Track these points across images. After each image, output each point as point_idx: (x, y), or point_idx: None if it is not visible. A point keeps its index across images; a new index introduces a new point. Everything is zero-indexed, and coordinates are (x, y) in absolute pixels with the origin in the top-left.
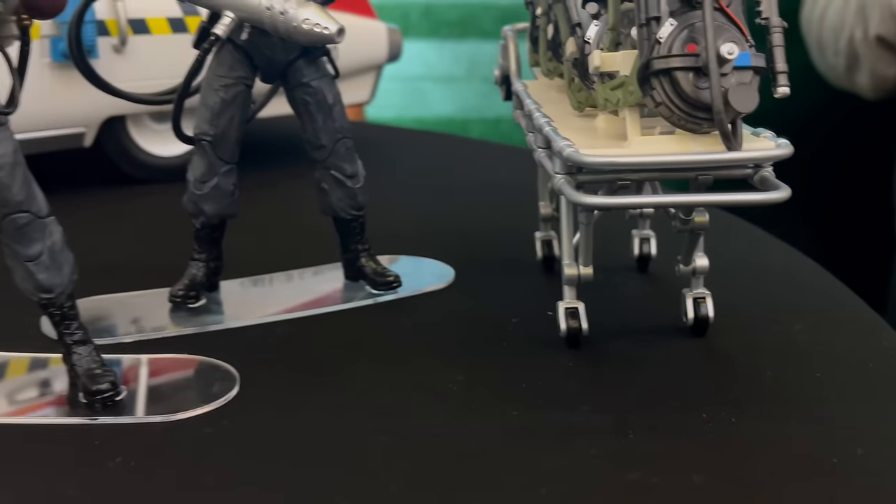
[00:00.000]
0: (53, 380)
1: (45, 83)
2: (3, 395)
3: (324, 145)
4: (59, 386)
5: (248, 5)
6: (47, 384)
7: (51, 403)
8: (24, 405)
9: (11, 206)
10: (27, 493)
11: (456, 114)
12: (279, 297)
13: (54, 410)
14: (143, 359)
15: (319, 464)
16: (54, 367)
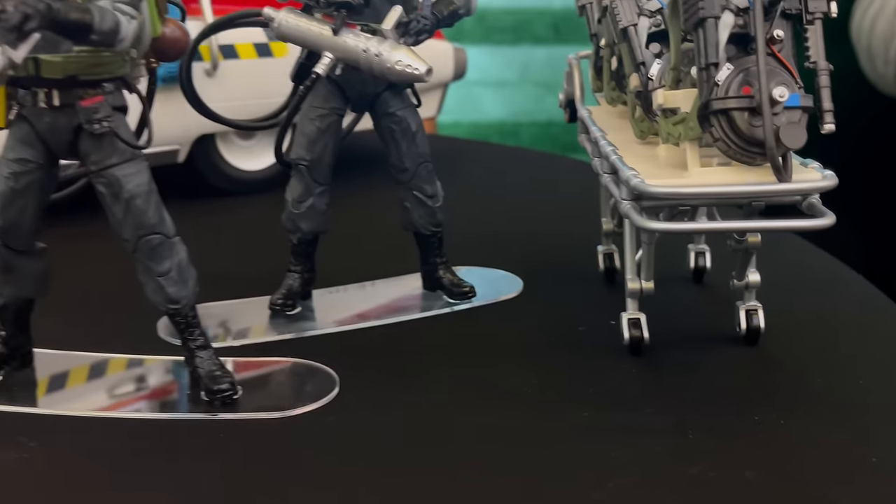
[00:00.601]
0: (148, 376)
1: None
2: (147, 397)
3: (407, 168)
4: (154, 381)
5: (347, 48)
6: (143, 380)
7: (145, 398)
8: (122, 398)
9: (146, 228)
10: (177, 480)
11: (508, 117)
12: (365, 304)
13: (146, 404)
14: (252, 361)
15: (416, 458)
16: (149, 364)
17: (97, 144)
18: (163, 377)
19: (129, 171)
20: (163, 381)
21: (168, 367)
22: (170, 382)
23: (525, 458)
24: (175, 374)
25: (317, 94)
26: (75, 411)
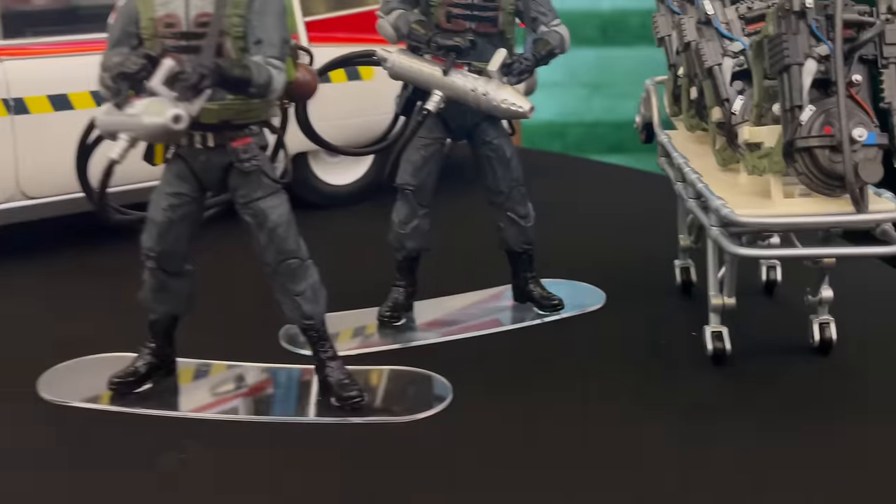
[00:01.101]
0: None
1: None
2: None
3: (503, 191)
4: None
5: (456, 87)
6: (274, 385)
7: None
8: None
9: (286, 254)
10: (316, 480)
11: (556, 118)
12: (462, 316)
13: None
14: (372, 369)
15: (535, 459)
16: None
17: (245, 180)
18: (297, 383)
19: (273, 203)
20: (295, 386)
21: (297, 374)
22: (304, 388)
23: (624, 462)
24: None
25: (417, 123)
26: (220, 416)
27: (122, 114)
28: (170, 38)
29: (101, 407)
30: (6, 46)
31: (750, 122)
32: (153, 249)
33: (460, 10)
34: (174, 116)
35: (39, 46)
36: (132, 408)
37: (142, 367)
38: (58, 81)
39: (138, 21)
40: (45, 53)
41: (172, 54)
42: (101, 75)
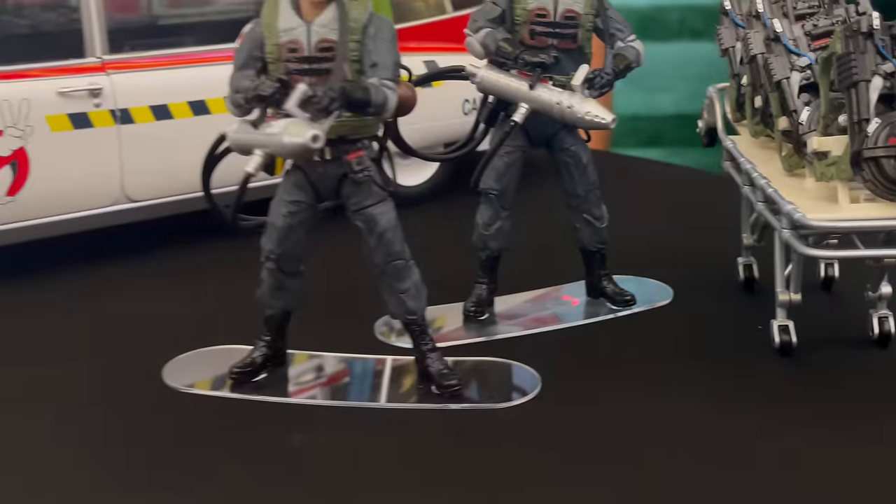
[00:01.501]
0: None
1: None
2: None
3: (579, 195)
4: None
5: (542, 101)
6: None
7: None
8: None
9: (393, 255)
10: (427, 464)
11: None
12: (539, 310)
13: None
14: (465, 360)
15: (621, 442)
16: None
17: (358, 189)
18: (416, 375)
19: (382, 209)
20: (398, 376)
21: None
22: (404, 377)
23: (709, 448)
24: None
25: (504, 133)
26: (330, 402)
27: (258, 132)
28: (293, 62)
29: (222, 394)
30: (111, 61)
31: (817, 133)
32: (274, 252)
33: (543, 27)
34: (313, 136)
35: (141, 60)
36: (250, 395)
37: (258, 359)
38: (159, 93)
39: (263, 46)
40: (146, 67)
41: (296, 77)
42: (233, 96)
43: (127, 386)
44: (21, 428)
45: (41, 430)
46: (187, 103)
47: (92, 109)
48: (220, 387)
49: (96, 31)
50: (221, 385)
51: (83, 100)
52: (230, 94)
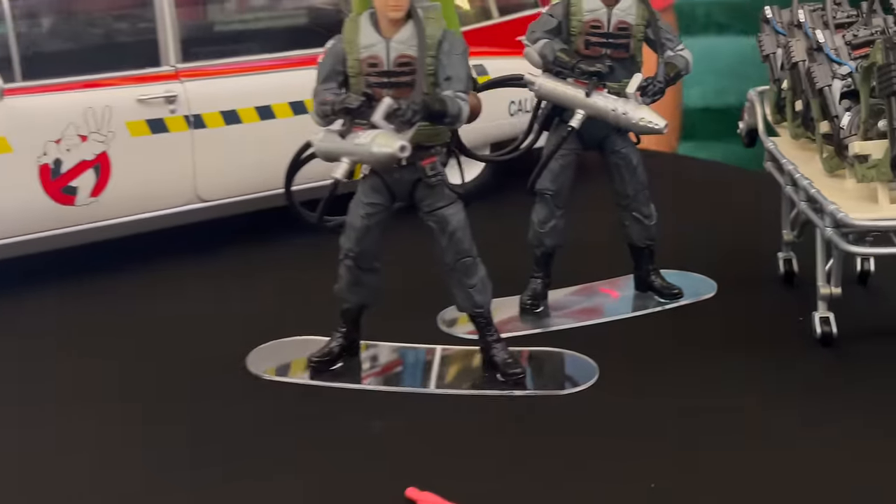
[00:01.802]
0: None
1: None
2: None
3: (629, 195)
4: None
5: (598, 107)
6: (444, 363)
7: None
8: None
9: (462, 253)
10: (496, 451)
11: None
12: (591, 303)
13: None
14: (525, 350)
15: (679, 428)
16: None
17: (431, 192)
18: (461, 363)
19: (453, 211)
20: (462, 366)
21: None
22: (464, 368)
23: (750, 439)
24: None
25: (559, 135)
26: (384, 388)
27: (346, 142)
28: (373, 76)
29: (301, 381)
30: (184, 69)
31: (858, 137)
32: (352, 250)
33: (597, 38)
34: (401, 147)
35: (212, 68)
36: (328, 382)
37: (335, 349)
38: (228, 99)
39: (345, 61)
40: (217, 74)
41: (376, 89)
42: (318, 107)
43: (208, 378)
44: (116, 417)
45: (131, 419)
46: (254, 108)
47: (167, 115)
48: (300, 375)
49: (170, 41)
50: (301, 373)
51: (160, 106)
52: (315, 106)
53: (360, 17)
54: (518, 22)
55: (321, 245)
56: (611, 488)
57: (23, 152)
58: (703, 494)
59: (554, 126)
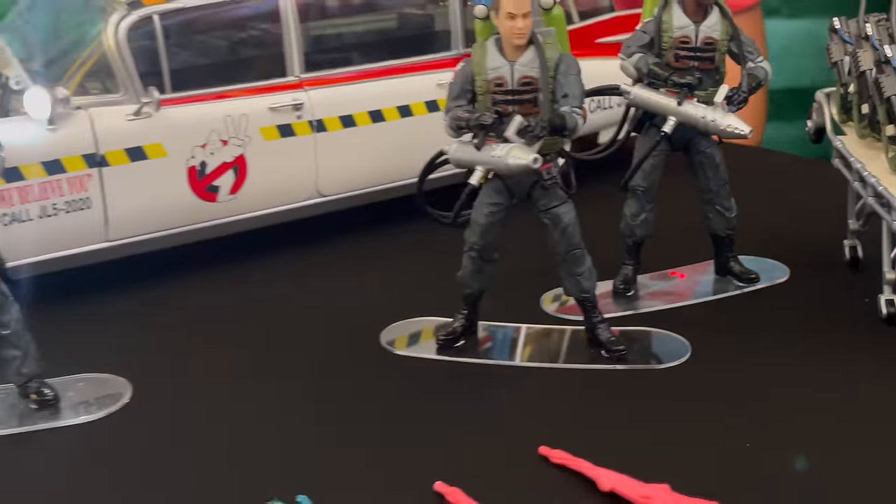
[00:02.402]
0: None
1: None
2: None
3: (712, 189)
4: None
5: (689, 115)
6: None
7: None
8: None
9: (573, 245)
10: (611, 420)
11: None
12: (676, 286)
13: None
14: (625, 329)
15: (765, 404)
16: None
17: (546, 193)
18: (542, 340)
19: (565, 209)
20: (543, 343)
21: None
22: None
23: (830, 416)
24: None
25: (650, 137)
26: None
27: (482, 153)
28: (499, 94)
29: (430, 356)
30: (307, 79)
31: None
32: (477, 244)
33: (686, 52)
34: (534, 159)
35: (331, 77)
36: (454, 357)
37: (458, 328)
38: (345, 104)
39: (474, 81)
40: (335, 82)
41: (502, 105)
42: (452, 122)
43: (347, 357)
44: (271, 394)
45: (287, 396)
46: (367, 112)
47: (294, 121)
48: (429, 351)
49: (295, 54)
50: (430, 350)
51: (288, 113)
52: (448, 120)
53: (487, 42)
54: (596, 26)
55: (429, 232)
56: (710, 450)
57: (175, 156)
58: (794, 452)
59: (645, 129)
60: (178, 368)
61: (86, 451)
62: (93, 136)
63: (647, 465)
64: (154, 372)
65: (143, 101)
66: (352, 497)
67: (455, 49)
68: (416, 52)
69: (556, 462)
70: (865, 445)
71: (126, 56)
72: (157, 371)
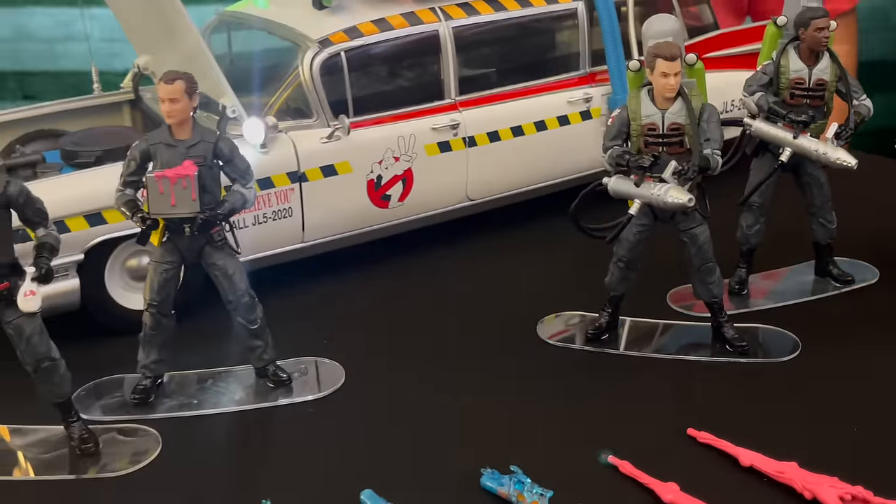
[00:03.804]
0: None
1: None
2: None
3: (817, 205)
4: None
5: (804, 148)
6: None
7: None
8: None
9: (707, 260)
10: (734, 413)
11: None
12: (779, 286)
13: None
14: (740, 326)
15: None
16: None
17: (686, 217)
18: (644, 332)
19: (701, 230)
20: (643, 334)
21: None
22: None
23: None
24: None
25: (767, 163)
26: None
27: (641, 189)
28: (650, 137)
29: (578, 347)
30: (461, 101)
31: None
32: (625, 257)
33: (801, 91)
34: (689, 199)
35: (480, 98)
36: (600, 348)
37: (604, 323)
38: (492, 122)
39: (629, 125)
40: (483, 103)
41: (652, 146)
42: (613, 160)
43: (505, 345)
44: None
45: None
46: (510, 128)
47: (451, 138)
48: (574, 342)
49: (452, 80)
50: (573, 340)
51: (446, 132)
52: (609, 158)
53: (640, 92)
54: (704, 42)
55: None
56: (819, 430)
57: (358, 171)
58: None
59: (760, 154)
60: (376, 351)
61: (305, 426)
62: (295, 157)
63: (777, 444)
64: (357, 354)
65: (334, 126)
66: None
67: (583, 69)
68: (550, 73)
69: (703, 441)
70: None
71: (318, 87)
72: (359, 353)
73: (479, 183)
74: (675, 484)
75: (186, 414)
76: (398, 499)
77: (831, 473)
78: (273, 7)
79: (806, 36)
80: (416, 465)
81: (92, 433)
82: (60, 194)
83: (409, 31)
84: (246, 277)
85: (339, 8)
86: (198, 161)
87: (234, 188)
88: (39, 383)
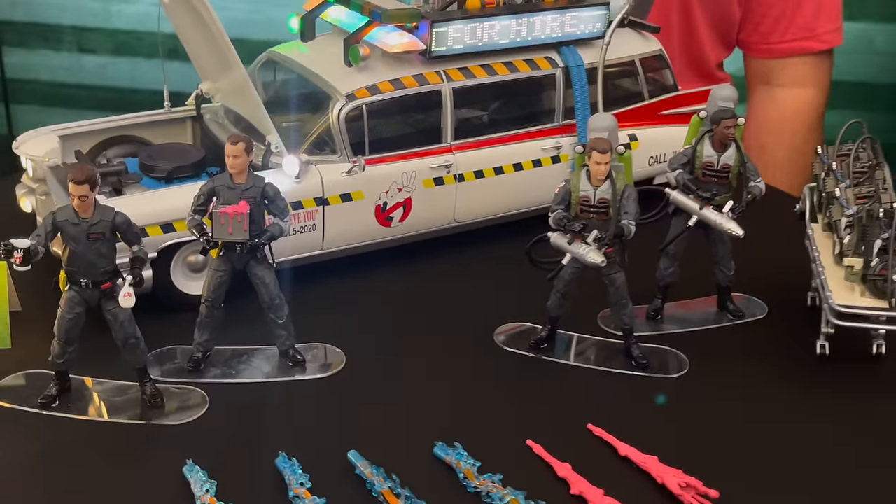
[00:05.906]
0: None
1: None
2: None
3: (720, 256)
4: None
5: (706, 217)
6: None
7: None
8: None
9: (622, 297)
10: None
11: None
12: (692, 318)
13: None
14: (647, 346)
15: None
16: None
17: (610, 265)
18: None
19: (619, 276)
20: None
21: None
22: None
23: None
24: None
25: (682, 222)
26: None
27: (572, 246)
28: (584, 206)
29: (523, 352)
30: (455, 145)
31: (850, 254)
32: (562, 290)
33: (710, 172)
34: (602, 261)
35: (471, 143)
36: (538, 355)
37: (544, 336)
38: (480, 162)
39: (570, 195)
40: (473, 147)
41: (585, 213)
42: (555, 221)
43: (465, 346)
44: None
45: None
46: (493, 168)
47: (445, 174)
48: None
49: (449, 126)
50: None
51: (441, 169)
52: (552, 218)
53: (581, 171)
54: (662, 102)
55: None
56: (683, 434)
57: (369, 198)
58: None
59: (678, 214)
60: (382, 344)
61: (314, 397)
62: (321, 185)
63: (650, 441)
64: (359, 344)
65: (353, 163)
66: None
67: (556, 122)
68: (529, 124)
69: (596, 434)
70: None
71: (343, 132)
72: (361, 344)
73: (464, 209)
74: (569, 464)
75: (227, 381)
76: (376, 457)
77: (678, 467)
78: (313, 52)
79: (717, 130)
80: (390, 434)
81: (160, 391)
82: (144, 209)
83: (418, 90)
84: (278, 284)
85: (365, 67)
86: (250, 200)
87: (276, 221)
88: (125, 354)
